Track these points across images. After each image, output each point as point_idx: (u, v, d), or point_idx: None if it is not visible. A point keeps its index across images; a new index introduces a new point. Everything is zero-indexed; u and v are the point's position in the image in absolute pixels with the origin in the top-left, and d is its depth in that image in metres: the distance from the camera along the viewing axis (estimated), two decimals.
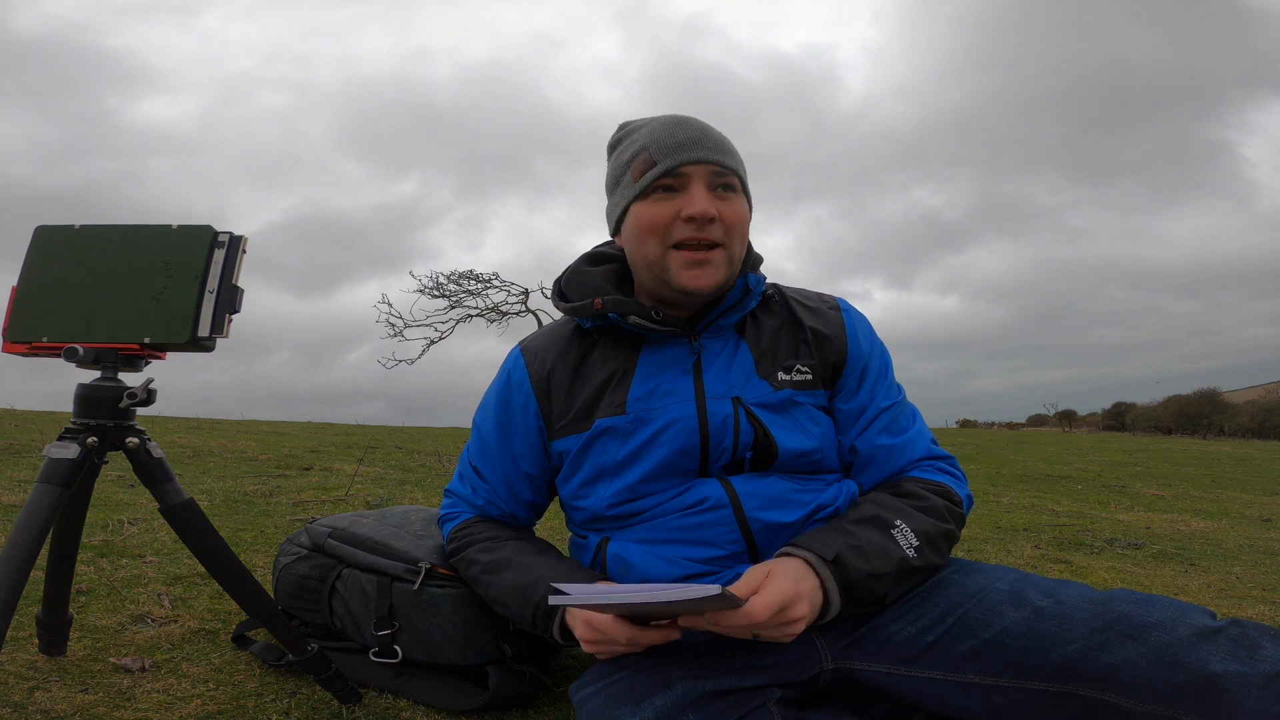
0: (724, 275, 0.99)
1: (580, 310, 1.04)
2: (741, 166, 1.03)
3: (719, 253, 0.98)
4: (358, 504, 2.90)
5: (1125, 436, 17.65)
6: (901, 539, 0.91)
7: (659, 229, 0.98)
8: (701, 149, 0.98)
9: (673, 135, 0.98)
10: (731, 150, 1.01)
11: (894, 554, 0.90)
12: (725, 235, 0.98)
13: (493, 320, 13.88)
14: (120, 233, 1.00)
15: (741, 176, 1.02)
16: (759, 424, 0.98)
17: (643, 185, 0.98)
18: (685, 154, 0.97)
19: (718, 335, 1.04)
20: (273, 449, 4.89)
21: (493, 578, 1.01)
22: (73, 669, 1.16)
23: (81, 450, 0.94)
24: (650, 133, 1.00)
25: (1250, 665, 0.73)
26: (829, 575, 0.86)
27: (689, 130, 0.99)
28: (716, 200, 0.98)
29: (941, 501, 0.99)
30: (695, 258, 0.97)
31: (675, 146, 0.98)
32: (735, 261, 1.00)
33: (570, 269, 1.11)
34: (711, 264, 0.98)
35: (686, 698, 0.81)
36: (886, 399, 1.06)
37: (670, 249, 0.98)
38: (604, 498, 1.01)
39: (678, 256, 0.98)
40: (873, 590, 0.88)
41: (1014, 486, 4.76)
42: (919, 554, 0.91)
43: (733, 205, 0.99)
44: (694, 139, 0.98)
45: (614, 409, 1.00)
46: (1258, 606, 1.93)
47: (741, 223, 1.00)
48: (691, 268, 0.97)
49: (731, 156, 1.00)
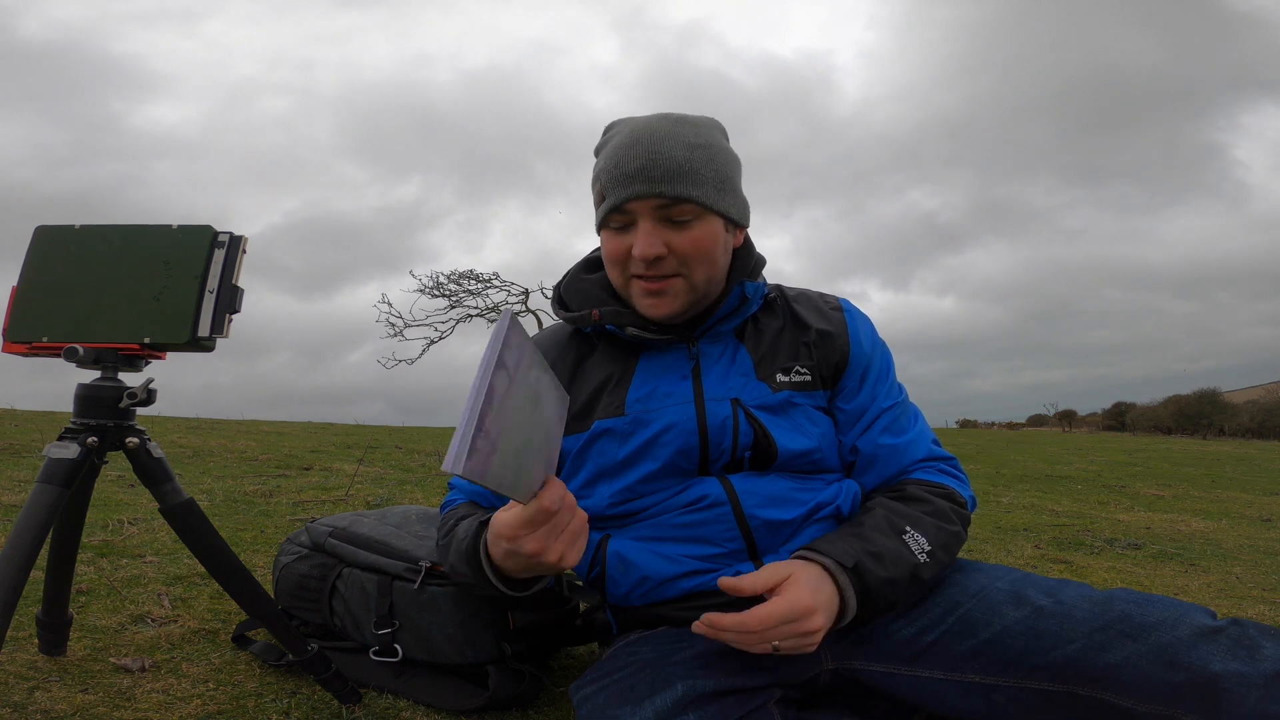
0: (684, 302, 0.99)
1: (579, 320, 1.04)
2: (700, 183, 0.94)
3: (677, 281, 0.97)
4: (358, 504, 2.90)
5: (1125, 436, 17.65)
6: (913, 544, 0.91)
7: (617, 262, 0.98)
8: (645, 181, 0.92)
9: (620, 165, 0.94)
10: (686, 171, 0.93)
11: (908, 560, 0.90)
12: (680, 265, 0.96)
13: (493, 320, 13.89)
14: (120, 233, 1.00)
15: (700, 200, 0.94)
16: (758, 424, 0.99)
17: (599, 218, 0.99)
18: (628, 189, 0.93)
19: (716, 340, 1.04)
20: (273, 449, 4.89)
21: (448, 549, 1.00)
22: (73, 669, 1.16)
23: (81, 450, 0.94)
24: (606, 157, 0.97)
25: (1250, 665, 0.73)
26: (848, 583, 0.86)
27: (638, 155, 0.93)
28: (667, 232, 0.94)
29: (947, 504, 0.99)
30: (651, 288, 0.97)
31: (621, 179, 0.94)
32: (700, 286, 0.99)
33: (568, 276, 1.11)
34: (669, 293, 0.97)
35: (687, 697, 0.81)
36: (888, 399, 1.06)
37: (630, 278, 0.99)
38: (604, 497, 1.01)
39: (637, 285, 0.99)
40: (887, 597, 0.89)
41: (1014, 486, 4.77)
42: (930, 558, 0.91)
43: (688, 234, 0.95)
44: (640, 169, 0.92)
45: (612, 410, 1.01)
46: (1258, 606, 1.93)
47: (700, 250, 0.95)
48: (649, 297, 0.98)
49: (683, 181, 0.93)
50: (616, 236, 0.98)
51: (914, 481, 1.02)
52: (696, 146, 0.95)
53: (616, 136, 0.98)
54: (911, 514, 0.95)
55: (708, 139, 0.97)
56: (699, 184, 0.94)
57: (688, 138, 0.95)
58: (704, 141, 0.96)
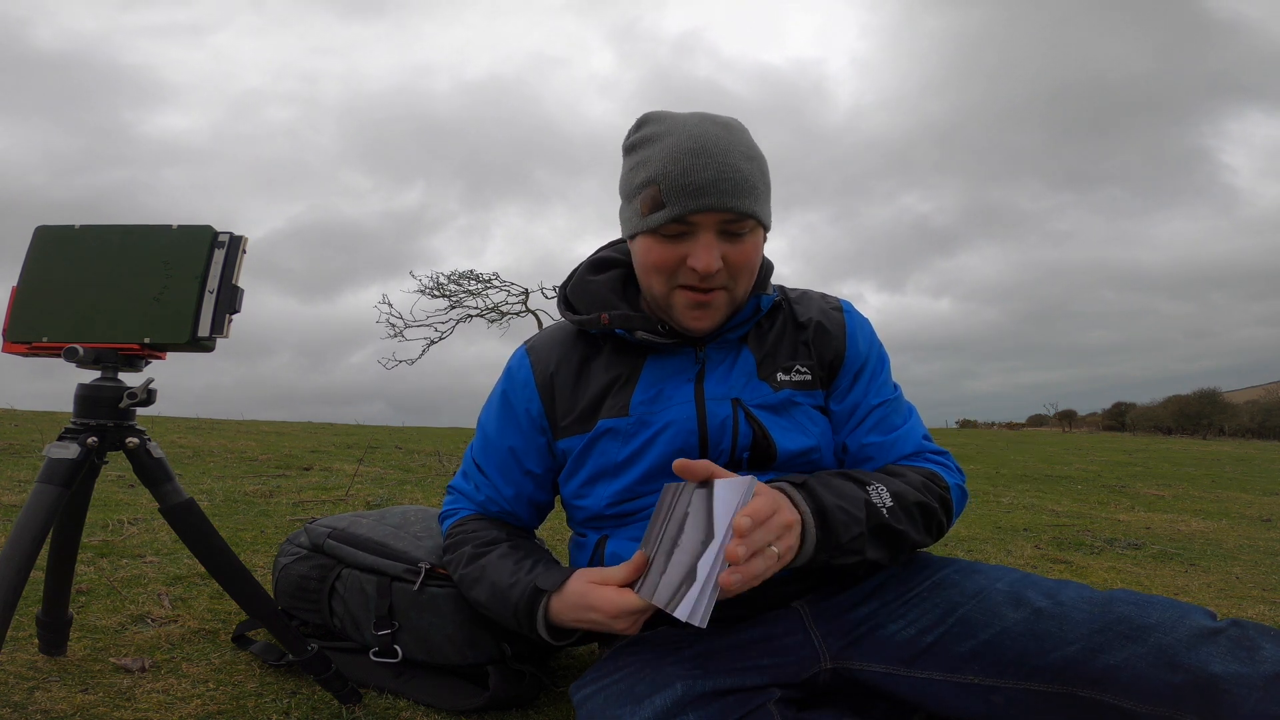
0: (725, 315, 0.99)
1: (587, 324, 1.04)
2: (759, 198, 0.94)
3: (721, 295, 0.97)
4: (358, 504, 2.90)
5: (1125, 436, 17.65)
6: (875, 496, 0.90)
7: (664, 271, 0.96)
8: (716, 194, 0.90)
9: (687, 174, 0.90)
10: (750, 186, 0.92)
11: (861, 498, 0.88)
12: (730, 279, 0.96)
13: (493, 320, 13.89)
14: (120, 233, 1.00)
15: (761, 217, 0.94)
16: (758, 424, 0.99)
17: (650, 225, 0.94)
18: (697, 201, 0.90)
19: (723, 346, 1.04)
20: (273, 449, 4.89)
21: (477, 585, 1.00)
22: (73, 669, 1.16)
23: (81, 450, 0.94)
24: (665, 160, 0.92)
25: (1250, 666, 0.73)
26: (800, 498, 0.85)
27: (706, 168, 0.90)
28: (724, 245, 0.93)
29: (920, 478, 0.97)
30: (698, 299, 0.96)
31: (688, 190, 0.90)
32: (738, 299, 0.99)
33: (575, 277, 1.10)
34: (713, 306, 0.97)
35: (686, 697, 0.81)
36: (878, 397, 1.06)
37: (675, 288, 0.97)
38: (603, 497, 1.02)
39: (681, 296, 0.97)
40: (847, 526, 0.86)
41: (1014, 486, 4.77)
42: (893, 513, 0.90)
43: (742, 248, 0.94)
44: (709, 181, 0.90)
45: (617, 411, 1.01)
46: (1258, 606, 1.93)
47: (749, 263, 0.96)
48: (694, 309, 0.97)
49: (749, 195, 0.92)
50: (667, 245, 0.94)
51: (894, 465, 1.02)
52: (752, 159, 0.94)
53: (670, 138, 0.93)
54: (877, 476, 0.95)
55: (754, 149, 0.97)
56: (760, 200, 0.94)
57: (744, 149, 0.94)
58: (756, 154, 0.96)
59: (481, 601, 1.00)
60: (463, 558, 1.04)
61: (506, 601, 0.94)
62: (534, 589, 0.92)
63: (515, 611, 0.93)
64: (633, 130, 1.00)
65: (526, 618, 0.92)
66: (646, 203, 0.94)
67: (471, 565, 1.02)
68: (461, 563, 1.04)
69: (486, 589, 0.98)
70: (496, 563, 0.99)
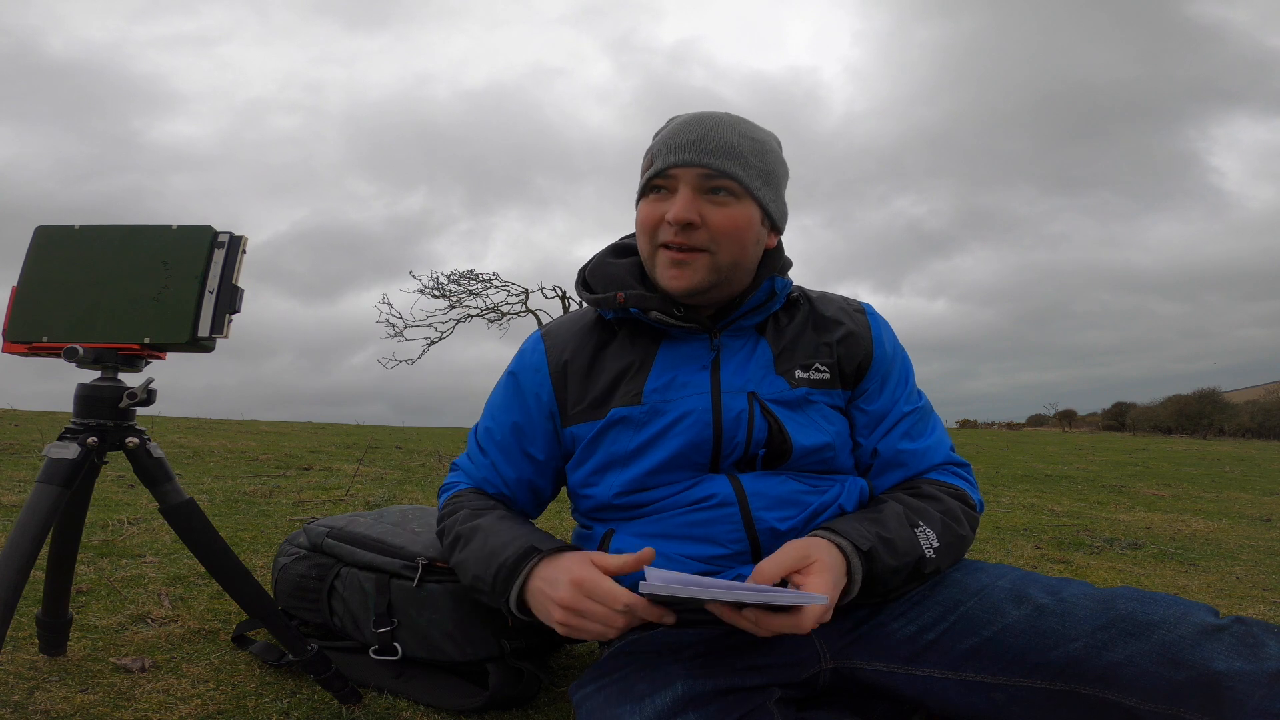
0: (703, 279, 0.97)
1: (603, 302, 1.04)
2: (746, 166, 0.97)
3: (702, 257, 0.97)
4: (357, 504, 2.90)
5: (1125, 436, 17.65)
6: (923, 538, 0.92)
7: (648, 228, 0.99)
8: (695, 151, 0.95)
9: (676, 135, 0.97)
10: (735, 152, 0.96)
11: (915, 551, 0.91)
12: (710, 241, 0.96)
13: (493, 320, 13.89)
14: (120, 233, 1.00)
15: (743, 180, 0.96)
16: (774, 419, 0.98)
17: (642, 184, 1.00)
18: (676, 156, 0.96)
19: (738, 334, 1.04)
20: (273, 449, 4.89)
21: (464, 544, 0.98)
22: (73, 669, 1.16)
23: (81, 450, 0.94)
24: (666, 130, 1.00)
25: (1254, 663, 0.73)
26: (858, 565, 0.86)
27: (694, 130, 0.97)
28: (705, 204, 0.95)
29: (958, 504, 0.99)
30: (676, 258, 0.97)
31: (673, 148, 0.96)
32: (724, 268, 0.98)
33: (595, 259, 1.11)
34: (691, 266, 0.97)
35: (686, 697, 0.81)
36: (909, 404, 1.07)
37: (659, 247, 0.98)
38: (613, 487, 1.01)
39: (663, 255, 0.98)
40: (887, 584, 0.89)
41: (1014, 486, 4.76)
42: (935, 554, 0.92)
43: (724, 211, 0.96)
44: (694, 140, 0.96)
45: (630, 399, 1.00)
46: (1258, 606, 1.93)
47: (733, 229, 0.96)
48: (672, 267, 0.97)
49: (731, 158, 0.96)
50: (653, 203, 0.98)
51: (929, 481, 1.02)
52: (752, 139, 0.99)
53: (684, 116, 1.01)
54: (925, 509, 0.96)
55: (764, 139, 1.01)
56: (745, 167, 0.97)
57: (746, 131, 0.99)
58: (760, 139, 1.00)
59: (465, 564, 0.96)
60: (453, 526, 1.02)
61: (491, 562, 0.91)
62: (529, 547, 0.89)
63: (498, 571, 0.90)
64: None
65: (507, 576, 0.89)
66: (644, 166, 1.01)
67: (466, 525, 1.00)
68: (450, 531, 1.02)
69: (476, 548, 0.95)
70: (495, 523, 0.98)
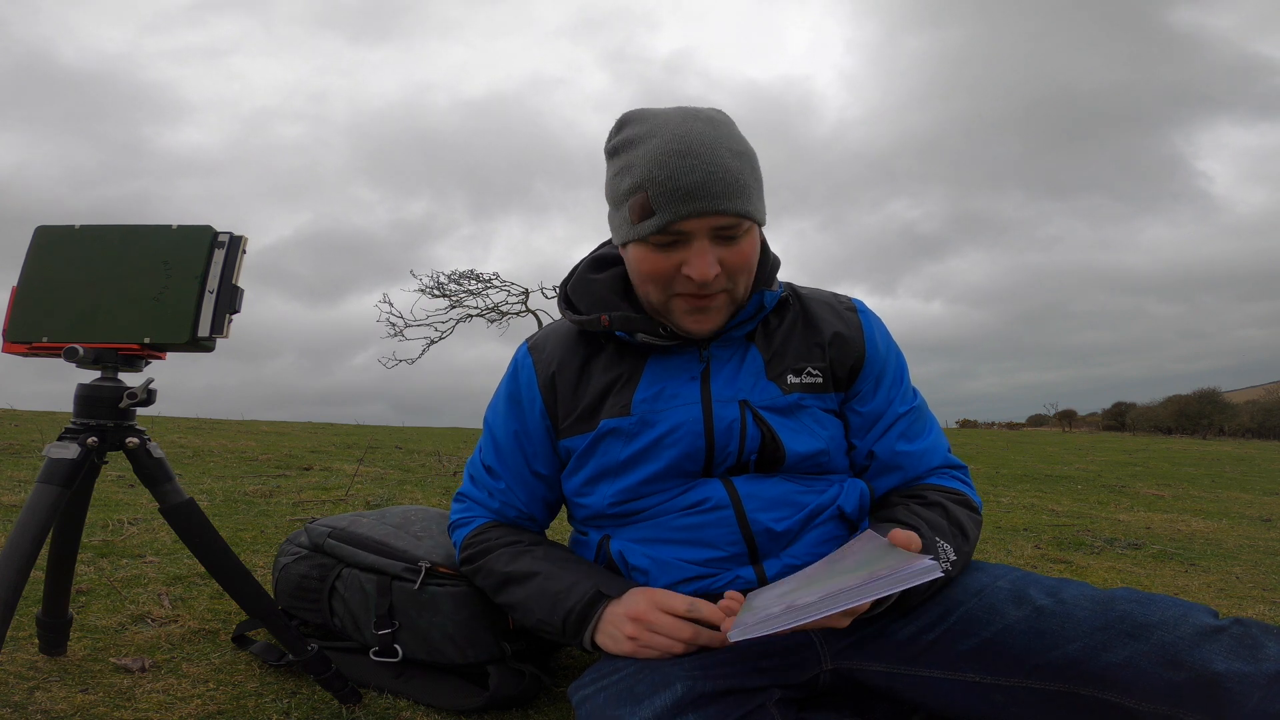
0: (726, 316, 0.98)
1: (588, 324, 1.01)
2: (751, 195, 0.91)
3: (722, 297, 0.95)
4: (358, 504, 2.90)
5: (1125, 436, 17.64)
6: (943, 554, 0.92)
7: (660, 281, 0.93)
8: (706, 197, 0.86)
9: (674, 178, 0.86)
10: (741, 184, 0.89)
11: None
12: (728, 280, 0.94)
13: (493, 320, 13.90)
14: (120, 233, 1.00)
15: (753, 215, 0.91)
16: (766, 427, 0.98)
17: (641, 234, 0.90)
18: (688, 206, 0.87)
19: (728, 344, 1.03)
20: (273, 449, 4.89)
21: (518, 586, 0.99)
22: (73, 669, 1.16)
23: (81, 450, 0.94)
24: (650, 164, 0.88)
25: (1253, 665, 0.73)
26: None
27: (693, 170, 0.86)
28: (719, 249, 0.90)
29: (965, 512, 0.99)
30: (698, 304, 0.94)
31: (676, 195, 0.86)
32: (741, 298, 0.97)
33: (576, 275, 1.08)
34: (714, 309, 0.95)
35: (686, 698, 0.81)
36: (904, 404, 1.06)
37: (673, 296, 0.95)
38: (606, 496, 1.01)
39: (680, 303, 0.95)
40: (910, 604, 0.91)
41: (1014, 486, 4.76)
42: (952, 568, 0.92)
43: (739, 249, 0.92)
44: (698, 184, 0.86)
45: (619, 410, 1.00)
46: (1258, 606, 1.93)
47: (747, 263, 0.93)
48: (694, 314, 0.95)
49: (740, 195, 0.89)
50: (660, 254, 0.91)
51: (931, 487, 1.02)
52: (740, 154, 0.91)
53: (654, 140, 0.89)
54: (939, 524, 0.95)
55: (742, 143, 0.93)
56: (751, 198, 0.91)
57: (731, 144, 0.90)
58: (744, 147, 0.93)
59: (523, 606, 0.98)
60: (494, 569, 1.02)
61: (557, 608, 0.93)
62: (596, 592, 0.91)
63: (567, 616, 0.92)
64: (614, 132, 0.96)
65: (578, 622, 0.91)
66: (635, 210, 0.90)
67: (513, 570, 1.00)
68: (493, 573, 1.02)
69: (533, 594, 0.96)
70: (549, 566, 0.98)
